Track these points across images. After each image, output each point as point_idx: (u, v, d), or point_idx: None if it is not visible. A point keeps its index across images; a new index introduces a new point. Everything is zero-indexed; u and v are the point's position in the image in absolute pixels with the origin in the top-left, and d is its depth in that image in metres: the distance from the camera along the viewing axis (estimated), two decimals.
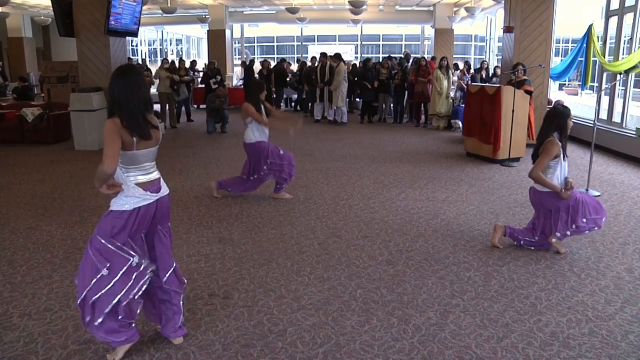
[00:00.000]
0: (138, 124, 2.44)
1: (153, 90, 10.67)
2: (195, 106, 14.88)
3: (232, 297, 3.31)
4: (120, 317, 2.53)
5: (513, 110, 7.25)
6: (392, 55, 15.16)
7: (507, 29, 8.78)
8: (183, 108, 12.19)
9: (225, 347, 2.75)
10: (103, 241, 2.47)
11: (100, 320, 2.48)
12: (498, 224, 4.30)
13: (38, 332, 2.87)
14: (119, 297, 2.49)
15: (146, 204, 2.52)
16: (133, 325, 2.63)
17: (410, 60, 12.86)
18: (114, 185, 2.44)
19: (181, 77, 11.48)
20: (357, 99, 13.13)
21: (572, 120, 4.12)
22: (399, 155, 8.16)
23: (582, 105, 12.30)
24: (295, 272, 3.71)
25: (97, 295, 2.46)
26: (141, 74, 2.58)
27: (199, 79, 14.97)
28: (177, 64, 12.25)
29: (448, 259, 3.97)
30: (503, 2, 9.43)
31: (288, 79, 14.20)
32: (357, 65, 13.99)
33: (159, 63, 12.16)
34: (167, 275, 2.68)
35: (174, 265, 2.74)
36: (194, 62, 16.20)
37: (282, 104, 14.76)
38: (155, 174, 2.60)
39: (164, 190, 2.64)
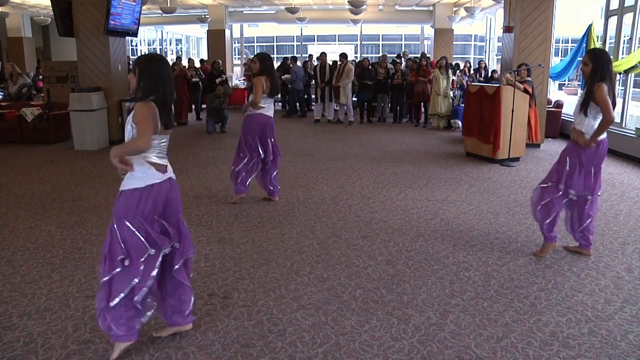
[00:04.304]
0: (169, 112, 2.55)
1: None
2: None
3: (231, 297, 3.31)
4: (132, 307, 2.55)
5: (513, 110, 7.25)
6: (389, 54, 15.19)
7: (507, 29, 8.78)
8: (193, 106, 12.34)
9: (225, 347, 2.75)
10: (119, 227, 2.50)
11: (117, 300, 2.50)
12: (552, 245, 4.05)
13: (38, 332, 2.88)
14: (136, 280, 2.53)
15: (158, 181, 2.56)
16: (137, 327, 2.62)
17: (403, 62, 12.92)
18: (127, 162, 2.46)
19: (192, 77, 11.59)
20: (354, 99, 13.19)
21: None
22: (399, 155, 8.16)
23: None
24: (295, 272, 3.71)
25: (119, 279, 2.51)
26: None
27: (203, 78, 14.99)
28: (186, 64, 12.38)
29: (447, 258, 3.97)
30: (503, 2, 9.43)
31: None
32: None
33: None
34: (180, 263, 2.72)
35: (189, 258, 2.80)
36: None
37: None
38: (166, 161, 2.65)
39: (171, 171, 2.68)
